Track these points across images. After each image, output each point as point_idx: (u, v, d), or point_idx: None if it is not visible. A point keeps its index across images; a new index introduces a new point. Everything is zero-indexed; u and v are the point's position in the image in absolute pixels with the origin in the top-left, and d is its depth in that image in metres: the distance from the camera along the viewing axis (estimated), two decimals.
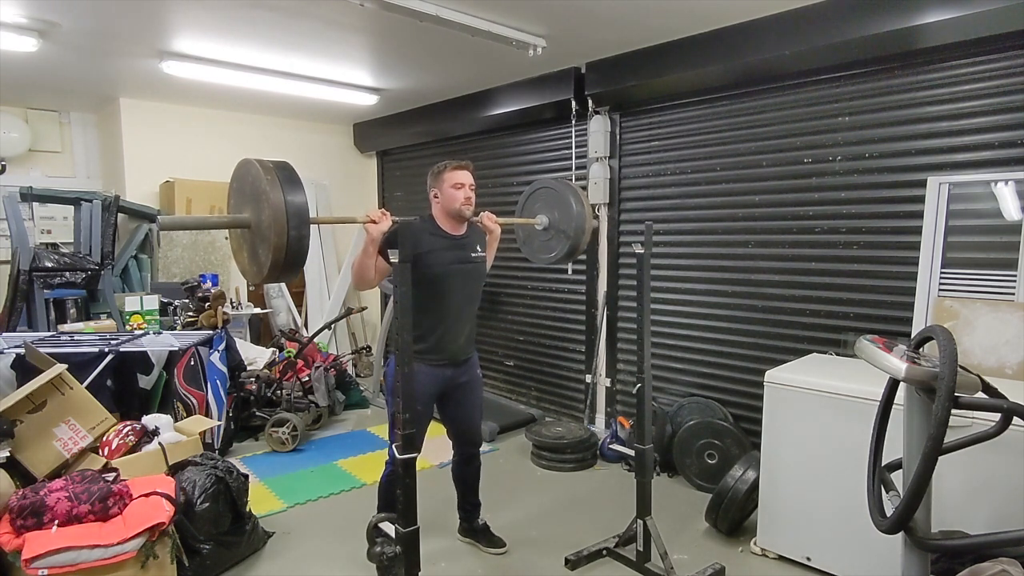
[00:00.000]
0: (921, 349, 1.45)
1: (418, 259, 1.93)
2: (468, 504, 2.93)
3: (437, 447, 3.43)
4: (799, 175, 3.41)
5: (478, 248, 2.66)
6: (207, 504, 2.62)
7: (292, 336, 5.56)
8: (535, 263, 3.15)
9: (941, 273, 2.86)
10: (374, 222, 2.24)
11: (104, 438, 2.95)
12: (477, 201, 2.61)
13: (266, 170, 1.77)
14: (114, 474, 2.59)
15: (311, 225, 1.83)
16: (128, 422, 3.07)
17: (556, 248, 2.87)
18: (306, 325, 6.22)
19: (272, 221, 1.72)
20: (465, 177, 2.55)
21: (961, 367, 1.26)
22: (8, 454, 2.63)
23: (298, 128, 6.18)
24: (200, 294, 4.70)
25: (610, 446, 3.92)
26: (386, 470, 2.71)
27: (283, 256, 1.75)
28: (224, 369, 4.00)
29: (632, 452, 2.83)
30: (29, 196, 4.81)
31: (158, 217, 1.62)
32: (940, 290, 2.85)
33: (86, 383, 3.18)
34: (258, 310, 5.63)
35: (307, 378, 4.69)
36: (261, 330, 5.96)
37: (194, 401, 3.79)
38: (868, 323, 3.19)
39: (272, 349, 5.05)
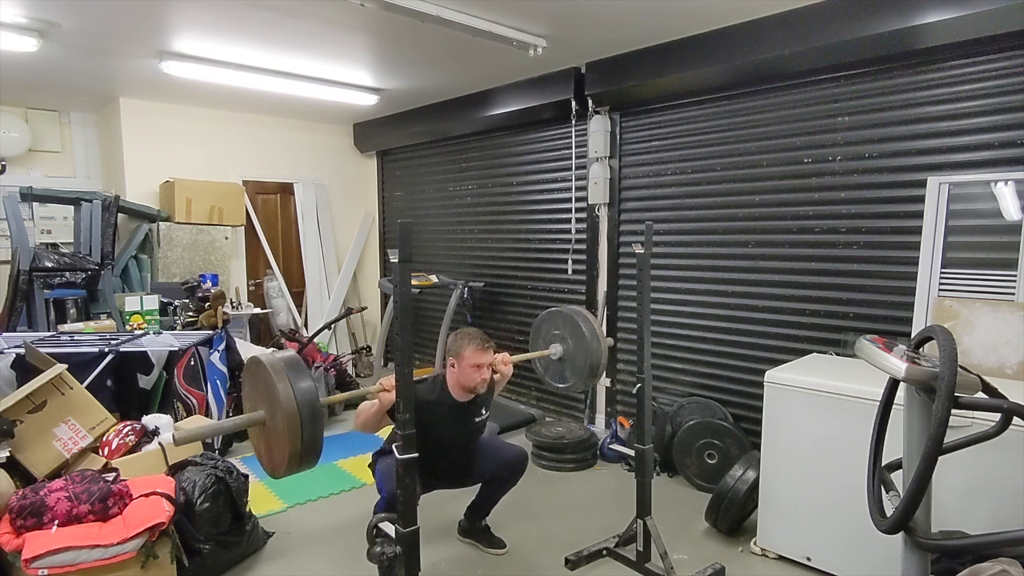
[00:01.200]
0: (921, 349, 1.45)
1: (421, 424, 1.96)
2: (484, 509, 2.93)
3: None
4: (799, 175, 3.42)
5: (483, 411, 2.73)
6: (207, 504, 2.62)
7: (292, 336, 5.56)
8: (553, 390, 3.13)
9: (941, 273, 2.86)
10: (386, 391, 2.27)
11: (104, 438, 2.95)
12: (477, 203, 2.61)
13: (276, 374, 1.75)
14: (114, 474, 2.59)
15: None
16: (128, 422, 3.07)
17: (571, 380, 2.88)
18: (306, 325, 6.22)
19: (287, 429, 1.73)
20: (486, 359, 2.57)
21: (961, 367, 1.26)
22: (8, 454, 2.63)
23: (298, 128, 6.18)
24: (200, 294, 4.71)
25: (610, 446, 3.92)
26: (380, 504, 2.60)
27: (299, 458, 1.77)
28: (224, 369, 4.00)
29: (632, 452, 2.83)
30: (29, 196, 4.81)
31: (174, 435, 1.61)
32: (940, 290, 2.85)
33: (86, 383, 3.18)
34: (258, 310, 5.63)
35: None
36: (261, 330, 5.96)
37: (194, 401, 3.79)
38: (868, 323, 3.19)
39: (272, 349, 5.05)
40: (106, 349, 3.52)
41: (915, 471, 1.23)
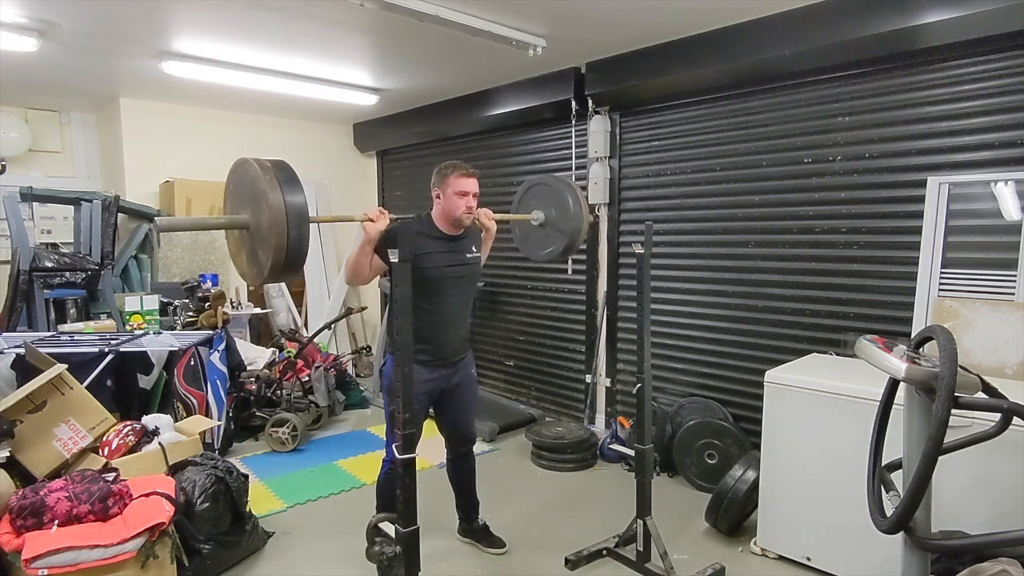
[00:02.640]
0: (921, 349, 1.45)
1: (414, 261, 1.93)
2: (466, 504, 2.93)
3: (436, 447, 3.43)
4: (799, 175, 3.41)
5: (473, 249, 2.67)
6: (207, 504, 2.62)
7: (292, 336, 5.56)
8: (533, 260, 3.15)
9: (941, 273, 2.86)
10: (372, 220, 2.25)
11: (104, 438, 2.95)
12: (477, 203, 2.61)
13: (264, 170, 1.74)
14: (114, 474, 2.59)
15: (311, 224, 1.82)
16: (128, 422, 3.07)
17: (552, 244, 2.88)
18: (306, 325, 6.21)
19: (272, 223, 1.70)
20: (471, 186, 2.53)
21: (961, 367, 1.26)
22: (8, 454, 2.63)
23: (298, 128, 6.18)
24: (200, 294, 4.70)
25: (610, 446, 3.92)
26: (383, 468, 2.71)
27: (283, 257, 1.73)
28: (224, 369, 4.00)
29: (632, 452, 2.83)
30: (29, 196, 4.81)
31: (155, 219, 1.61)
32: (940, 290, 2.85)
33: (86, 383, 3.17)
34: (258, 310, 5.63)
35: (307, 378, 4.69)
36: (261, 330, 5.96)
37: (194, 401, 3.79)
38: (868, 323, 3.19)
39: (272, 349, 5.05)
40: (106, 349, 3.52)
41: (915, 471, 1.24)
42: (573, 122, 4.38)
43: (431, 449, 3.41)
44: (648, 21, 3.38)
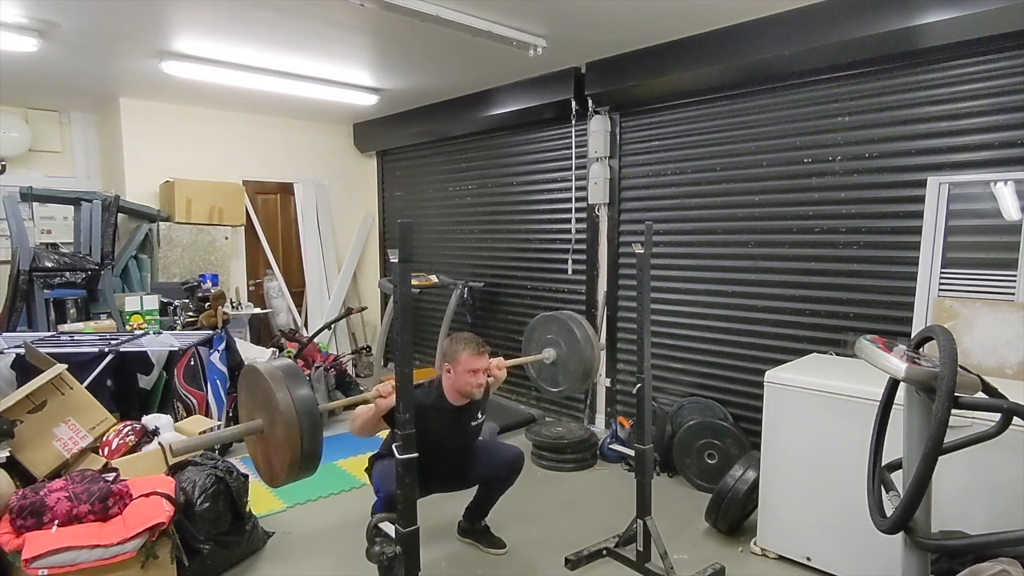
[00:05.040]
0: (921, 349, 1.45)
1: (418, 430, 1.95)
2: (480, 509, 2.93)
3: None
4: (799, 175, 3.42)
5: (479, 415, 2.73)
6: (207, 504, 2.62)
7: (292, 336, 5.56)
8: (545, 395, 3.13)
9: (941, 273, 2.86)
10: (383, 397, 2.27)
11: (104, 438, 2.95)
12: (477, 203, 2.61)
13: (275, 382, 1.73)
14: (114, 474, 2.59)
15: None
16: (128, 422, 3.07)
17: (563, 384, 2.90)
18: (306, 325, 6.21)
19: (286, 437, 1.70)
20: (482, 363, 2.56)
21: (961, 367, 1.26)
22: (8, 454, 2.62)
23: (298, 128, 6.18)
24: (200, 294, 4.70)
25: (610, 446, 3.92)
26: (377, 505, 2.60)
27: (298, 468, 1.74)
28: (224, 369, 4.00)
29: (632, 452, 2.83)
30: (29, 196, 4.81)
31: (172, 446, 1.63)
32: (940, 290, 2.85)
33: (86, 383, 3.17)
34: (258, 310, 5.64)
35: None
36: (261, 330, 5.96)
37: (194, 401, 3.79)
38: (868, 323, 3.19)
39: (272, 349, 5.05)
40: (106, 349, 3.52)
41: (915, 471, 1.24)
42: (573, 122, 4.38)
43: None
44: (648, 21, 3.38)
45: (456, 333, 2.71)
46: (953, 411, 1.19)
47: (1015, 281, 2.67)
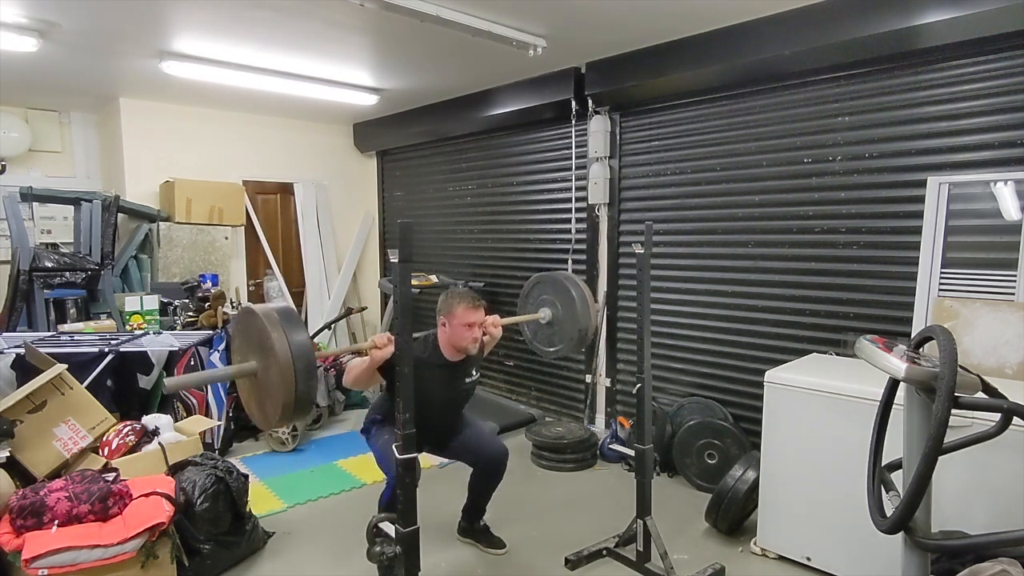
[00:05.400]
0: (921, 349, 1.45)
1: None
2: (475, 508, 2.93)
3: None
4: (799, 175, 3.41)
5: (473, 372, 2.72)
6: (207, 504, 2.62)
7: None
8: (543, 357, 3.10)
9: (941, 273, 2.86)
10: (378, 348, 2.26)
11: (104, 438, 2.95)
12: (477, 203, 2.61)
13: (271, 323, 1.70)
14: (114, 474, 2.59)
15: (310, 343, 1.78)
16: (128, 422, 3.07)
17: (558, 344, 2.88)
18: (306, 325, 6.21)
19: (280, 380, 1.67)
20: (477, 317, 2.55)
21: (961, 367, 1.26)
22: (8, 454, 2.63)
23: (298, 128, 6.18)
24: (200, 294, 4.70)
25: (610, 446, 3.92)
26: (386, 493, 2.63)
27: (292, 410, 1.71)
28: None
29: (632, 452, 2.83)
30: (29, 196, 4.81)
31: (165, 380, 1.64)
32: (940, 290, 2.85)
33: (86, 383, 3.18)
34: None
35: None
36: None
37: (194, 401, 3.80)
38: (868, 323, 3.19)
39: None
40: (106, 349, 3.52)
41: (915, 471, 1.23)
42: (573, 122, 4.38)
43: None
44: (648, 21, 3.38)
45: (452, 288, 2.68)
46: (953, 411, 1.19)
47: (1015, 281, 2.67)
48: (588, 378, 4.56)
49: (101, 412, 3.00)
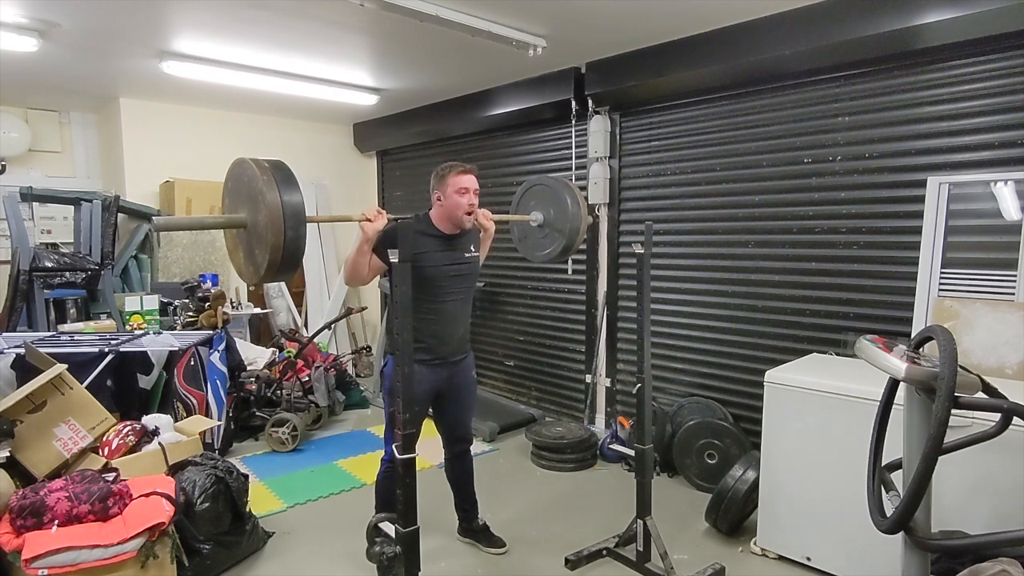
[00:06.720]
0: (921, 349, 1.45)
1: (412, 260, 1.93)
2: (465, 503, 2.93)
3: (436, 447, 3.43)
4: (799, 175, 3.41)
5: (472, 248, 2.67)
6: (207, 504, 2.62)
7: (292, 336, 5.56)
8: (531, 261, 3.14)
9: (941, 273, 2.86)
10: (369, 220, 2.25)
11: (104, 438, 2.95)
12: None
13: (262, 170, 1.74)
14: (114, 474, 2.59)
15: (308, 224, 1.82)
16: (128, 422, 3.07)
17: (551, 245, 2.88)
18: (306, 325, 6.21)
19: (269, 222, 1.70)
20: (470, 182, 2.53)
21: (961, 367, 1.26)
22: (8, 454, 2.63)
23: (298, 128, 6.18)
24: (200, 294, 4.71)
25: (610, 446, 3.92)
26: (382, 467, 2.71)
27: (280, 256, 1.72)
28: (224, 369, 4.00)
29: (632, 452, 2.83)
30: (29, 196, 4.81)
31: (153, 218, 1.64)
32: (940, 290, 2.85)
33: (86, 383, 3.17)
34: (258, 310, 5.63)
35: (307, 378, 4.69)
36: (261, 330, 5.96)
37: (194, 401, 3.79)
38: (868, 323, 3.19)
39: (272, 349, 5.05)
40: (106, 349, 3.52)
41: (915, 471, 1.24)
42: (573, 122, 4.38)
43: (431, 449, 3.40)
44: (648, 21, 3.38)
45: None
46: (953, 411, 1.19)
47: (1015, 281, 2.67)
48: (588, 378, 4.56)
49: (101, 412, 3.00)
